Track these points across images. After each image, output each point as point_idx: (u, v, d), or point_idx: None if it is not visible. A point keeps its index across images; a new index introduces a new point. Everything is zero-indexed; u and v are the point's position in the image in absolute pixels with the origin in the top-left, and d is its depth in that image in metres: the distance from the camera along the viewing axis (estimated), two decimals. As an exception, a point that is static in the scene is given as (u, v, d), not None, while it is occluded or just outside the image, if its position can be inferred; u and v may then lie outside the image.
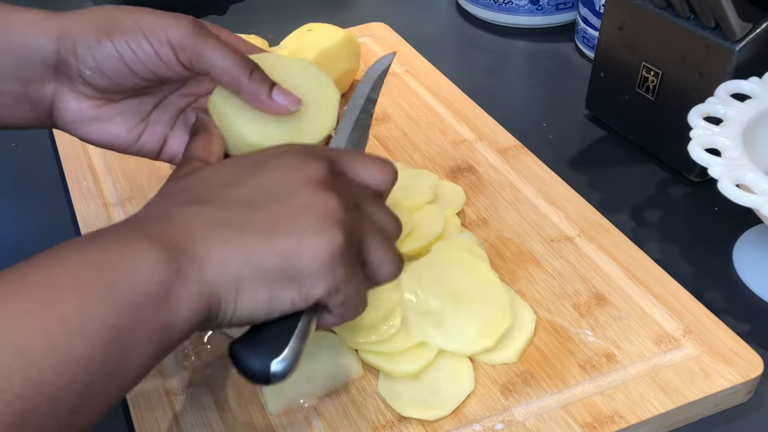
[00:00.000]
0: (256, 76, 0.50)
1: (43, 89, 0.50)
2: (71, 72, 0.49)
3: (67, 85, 0.50)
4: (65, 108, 0.51)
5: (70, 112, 0.51)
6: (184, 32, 0.49)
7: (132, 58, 0.49)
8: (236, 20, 1.03)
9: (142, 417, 0.53)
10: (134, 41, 0.48)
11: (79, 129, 0.52)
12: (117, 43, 0.48)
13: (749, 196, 0.54)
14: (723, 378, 0.54)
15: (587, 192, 0.71)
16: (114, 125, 0.52)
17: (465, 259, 0.59)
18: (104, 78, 0.49)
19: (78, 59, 0.49)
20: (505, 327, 0.56)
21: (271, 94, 0.50)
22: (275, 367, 0.42)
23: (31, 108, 0.51)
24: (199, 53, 0.49)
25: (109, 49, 0.48)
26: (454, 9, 1.04)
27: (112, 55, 0.48)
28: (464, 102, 0.82)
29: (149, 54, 0.49)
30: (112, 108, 0.52)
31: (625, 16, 0.74)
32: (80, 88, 0.50)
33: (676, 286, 0.61)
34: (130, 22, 0.49)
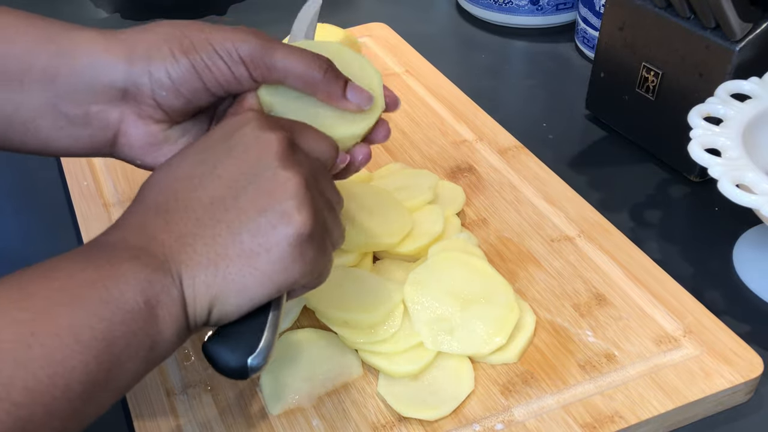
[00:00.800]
0: (330, 75, 0.49)
1: (107, 113, 0.48)
2: (142, 95, 0.47)
3: (134, 109, 0.48)
4: (132, 133, 0.48)
5: (138, 137, 0.48)
6: (253, 47, 0.47)
7: (209, 76, 0.47)
8: (236, 20, 1.03)
9: (142, 417, 0.53)
10: (209, 58, 0.47)
11: (146, 154, 0.49)
12: (194, 60, 0.47)
13: (749, 196, 0.54)
14: (723, 378, 0.54)
15: (587, 192, 0.71)
16: (182, 145, 0.49)
17: (462, 259, 0.59)
18: (179, 98, 0.48)
19: (152, 79, 0.47)
20: (514, 320, 0.56)
21: (345, 93, 0.50)
22: (252, 362, 0.42)
23: (89, 132, 0.48)
24: (271, 66, 0.48)
25: (186, 68, 0.47)
26: (454, 9, 1.04)
27: (189, 73, 0.47)
28: (464, 102, 0.82)
29: (224, 72, 0.47)
30: (178, 130, 0.50)
31: (625, 16, 0.74)
32: (149, 111, 0.48)
33: (676, 286, 0.61)
34: (199, 37, 0.47)
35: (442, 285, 0.58)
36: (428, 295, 0.57)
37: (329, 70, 0.49)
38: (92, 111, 0.48)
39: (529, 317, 0.58)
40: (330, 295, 0.57)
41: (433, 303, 0.56)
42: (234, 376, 0.43)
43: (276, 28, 0.91)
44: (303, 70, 0.48)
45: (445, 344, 0.55)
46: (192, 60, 0.47)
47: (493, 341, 0.55)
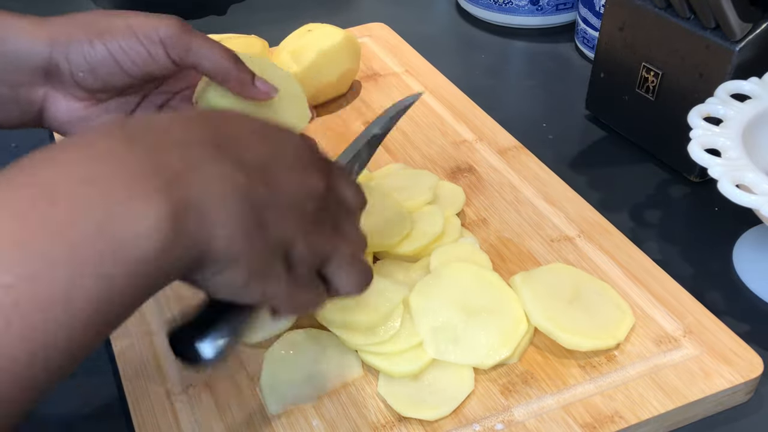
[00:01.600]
0: (241, 66, 0.53)
1: (32, 92, 0.52)
2: (63, 75, 0.51)
3: (57, 88, 0.52)
4: (55, 110, 0.53)
5: (60, 113, 0.53)
6: (174, 30, 0.51)
7: (124, 58, 0.51)
8: (236, 20, 1.03)
9: (142, 417, 0.53)
10: (126, 42, 0.51)
11: (68, 128, 0.54)
12: (109, 44, 0.51)
13: (749, 197, 0.54)
14: (723, 378, 0.54)
15: (587, 192, 0.71)
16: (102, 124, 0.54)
17: (470, 270, 0.59)
18: (96, 79, 0.51)
19: (70, 62, 0.51)
20: (521, 333, 0.55)
21: (254, 82, 0.54)
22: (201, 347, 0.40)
23: (19, 109, 0.53)
24: (189, 48, 0.52)
25: (101, 51, 0.51)
26: (454, 9, 1.04)
27: (104, 57, 0.51)
28: (464, 102, 0.82)
29: (141, 53, 0.51)
30: (100, 108, 0.54)
31: (625, 16, 0.74)
32: (70, 90, 0.52)
33: (676, 286, 0.61)
34: (120, 23, 0.51)
35: (450, 294, 0.57)
36: (434, 304, 0.57)
37: (239, 62, 0.53)
38: (20, 91, 0.52)
39: (529, 317, 0.58)
40: (329, 295, 0.57)
41: (439, 311, 0.56)
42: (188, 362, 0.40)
43: (276, 27, 0.91)
44: (217, 56, 0.52)
45: (449, 353, 0.55)
46: (107, 43, 0.51)
47: (499, 353, 0.54)
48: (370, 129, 0.57)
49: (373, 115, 0.81)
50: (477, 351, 0.54)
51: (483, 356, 0.54)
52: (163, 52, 0.51)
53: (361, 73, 0.87)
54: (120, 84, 0.53)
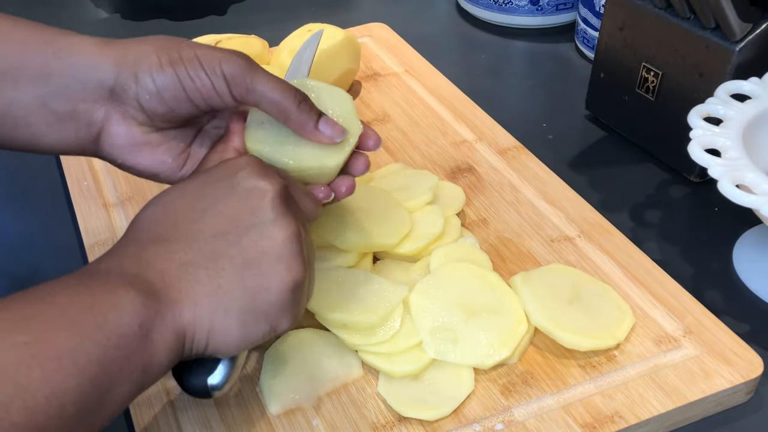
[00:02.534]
0: (304, 107, 0.52)
1: (93, 111, 0.51)
2: (127, 96, 0.50)
3: (119, 109, 0.51)
4: (115, 132, 0.51)
5: (119, 136, 0.51)
6: (237, 66, 0.50)
7: (191, 87, 0.50)
8: (236, 21, 1.03)
9: (142, 417, 0.53)
10: (194, 71, 0.50)
11: (126, 154, 0.52)
12: (178, 70, 0.50)
13: (749, 197, 0.54)
14: (723, 378, 0.54)
15: (587, 192, 0.71)
16: (162, 152, 0.53)
17: (470, 270, 0.59)
18: (161, 104, 0.50)
19: (138, 83, 0.50)
20: (521, 333, 0.55)
21: (317, 125, 0.52)
22: (212, 382, 0.46)
23: (75, 128, 0.51)
24: (251, 87, 0.50)
25: (170, 75, 0.50)
26: (454, 9, 1.04)
27: (173, 82, 0.50)
28: (464, 102, 0.82)
29: (206, 84, 0.50)
30: (160, 135, 0.52)
31: (625, 16, 0.74)
32: (132, 113, 0.51)
33: (676, 286, 0.61)
34: (188, 51, 0.50)
35: (450, 294, 0.57)
36: (434, 304, 0.57)
37: (304, 102, 0.52)
38: (80, 108, 0.50)
39: (529, 317, 0.58)
40: (329, 296, 0.57)
41: (439, 311, 0.56)
42: (198, 395, 0.47)
43: (276, 27, 0.91)
44: (279, 97, 0.51)
45: (448, 353, 0.55)
46: (177, 70, 0.50)
47: (499, 353, 0.54)
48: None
49: (373, 114, 0.81)
50: (477, 351, 0.54)
51: (483, 356, 0.54)
52: (226, 88, 0.50)
53: (361, 73, 0.87)
54: (184, 112, 0.52)
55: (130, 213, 0.69)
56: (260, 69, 0.51)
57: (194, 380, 0.47)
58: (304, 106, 0.51)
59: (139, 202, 0.70)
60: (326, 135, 0.52)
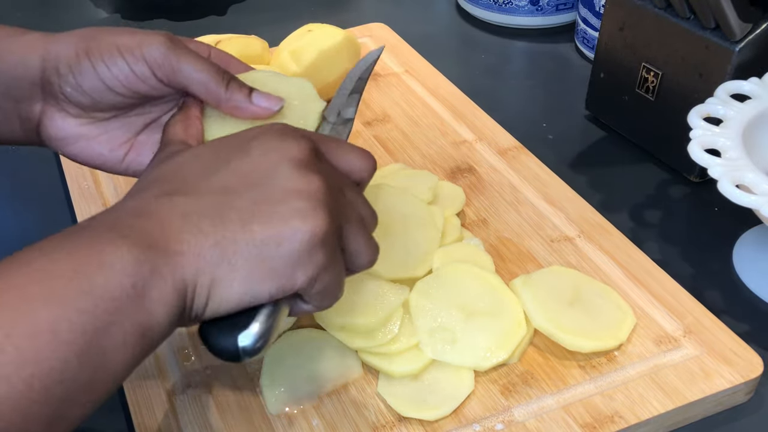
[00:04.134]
0: (234, 85, 0.50)
1: (31, 107, 0.51)
2: (55, 90, 0.50)
3: (52, 103, 0.51)
4: (51, 125, 0.51)
5: (55, 129, 0.51)
6: (159, 49, 0.49)
7: (108, 76, 0.49)
8: (236, 21, 1.03)
9: (142, 417, 0.53)
10: (110, 59, 0.49)
11: (64, 146, 0.52)
12: (94, 60, 0.49)
13: (749, 197, 0.54)
14: (723, 378, 0.54)
15: (587, 192, 0.71)
16: (98, 144, 0.52)
17: (472, 271, 0.59)
18: (84, 95, 0.50)
19: (60, 77, 0.50)
20: (520, 336, 0.55)
21: (251, 99, 0.51)
22: (243, 342, 0.41)
23: (21, 125, 0.52)
24: (175, 69, 0.49)
25: (86, 67, 0.49)
26: (454, 9, 1.04)
27: (89, 73, 0.49)
28: (464, 102, 0.82)
29: (125, 71, 0.49)
30: (98, 127, 0.52)
31: (625, 16, 0.74)
32: (65, 107, 0.51)
33: (676, 286, 0.61)
34: (107, 40, 0.50)
35: (450, 295, 0.57)
36: (433, 304, 0.57)
37: (232, 81, 0.50)
38: (21, 105, 0.51)
39: (529, 317, 0.58)
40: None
41: (438, 312, 0.56)
42: (227, 357, 0.42)
43: (276, 27, 0.91)
44: (204, 78, 0.50)
45: (446, 354, 0.55)
46: (92, 60, 0.49)
47: (496, 355, 0.54)
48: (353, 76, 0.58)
49: (372, 115, 0.81)
50: (474, 353, 0.54)
51: (480, 358, 0.54)
52: (149, 72, 0.49)
53: (361, 73, 0.86)
54: (110, 101, 0.51)
55: (130, 213, 0.69)
56: (185, 50, 0.50)
57: (223, 339, 0.41)
58: (233, 84, 0.50)
59: (139, 202, 0.70)
60: (262, 107, 0.51)
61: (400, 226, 0.61)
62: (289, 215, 0.41)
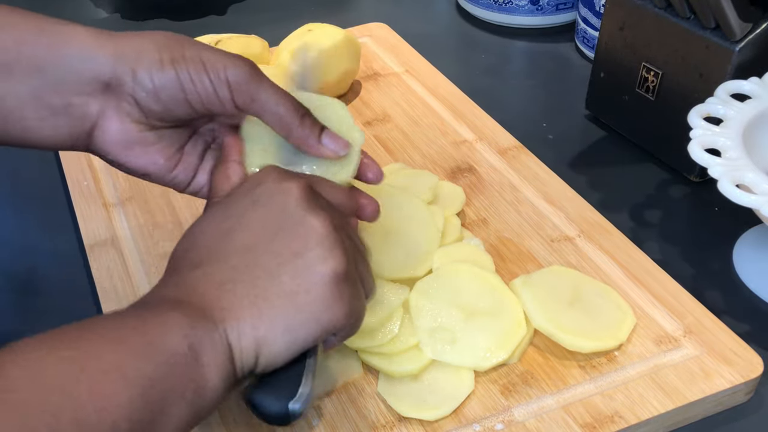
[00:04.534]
0: (307, 122, 0.50)
1: (88, 105, 0.49)
2: (123, 92, 0.48)
3: (113, 104, 0.49)
4: (108, 128, 0.49)
5: (112, 133, 0.50)
6: (242, 74, 0.48)
7: (191, 89, 0.48)
8: (236, 21, 1.03)
9: (142, 417, 0.53)
10: (196, 74, 0.48)
11: (119, 151, 0.50)
12: (180, 71, 0.48)
13: (749, 197, 0.54)
14: (723, 378, 0.54)
15: (587, 192, 0.71)
16: (155, 151, 0.51)
17: (473, 271, 0.59)
18: (158, 103, 0.49)
19: (135, 79, 0.48)
20: (519, 337, 0.55)
21: (320, 139, 0.51)
22: (293, 407, 0.44)
23: (69, 123, 0.49)
24: (254, 97, 0.49)
25: (170, 76, 0.48)
26: (454, 9, 1.04)
27: (172, 82, 0.48)
28: (464, 102, 0.82)
29: (207, 89, 0.48)
30: (154, 134, 0.51)
31: (625, 16, 0.74)
32: (127, 109, 0.49)
33: (676, 286, 0.61)
34: (192, 52, 0.48)
35: (450, 295, 0.57)
36: (433, 304, 0.57)
37: (306, 116, 0.50)
38: (74, 102, 0.49)
39: (529, 317, 0.58)
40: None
41: (438, 312, 0.56)
42: (277, 422, 0.44)
43: (276, 27, 0.91)
44: (283, 110, 0.49)
45: (445, 354, 0.55)
46: (178, 70, 0.48)
47: (496, 355, 0.54)
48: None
49: (372, 115, 0.81)
50: (474, 353, 0.54)
51: (480, 358, 0.54)
52: (228, 95, 0.49)
53: (361, 73, 0.87)
54: (180, 113, 0.50)
55: (130, 213, 0.69)
56: (265, 78, 0.49)
57: (273, 406, 0.44)
58: (306, 121, 0.50)
59: (139, 203, 0.70)
60: (330, 149, 0.51)
61: (400, 226, 0.62)
62: (311, 262, 0.44)
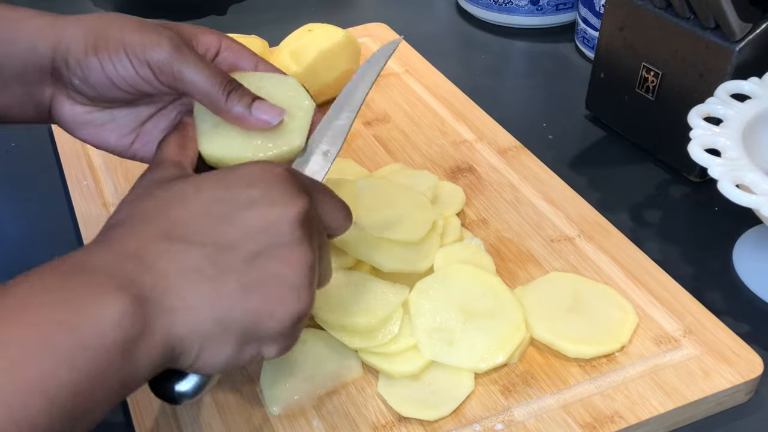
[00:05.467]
0: (234, 96, 0.50)
1: (42, 91, 0.52)
2: (64, 79, 0.51)
3: (61, 90, 0.52)
4: (61, 110, 0.52)
5: (65, 115, 0.52)
6: (162, 53, 0.49)
7: (114, 74, 0.50)
8: (236, 21, 1.03)
9: (142, 417, 0.53)
10: (116, 58, 0.49)
11: (74, 131, 0.53)
12: (101, 58, 0.49)
13: (749, 197, 0.54)
14: (723, 378, 0.54)
15: (587, 192, 0.71)
16: (105, 131, 0.53)
17: (473, 272, 0.59)
18: (90, 88, 0.50)
19: (68, 69, 0.50)
20: (519, 339, 0.55)
21: (251, 110, 0.50)
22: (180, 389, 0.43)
23: (34, 108, 0.52)
24: (177, 75, 0.49)
25: (94, 63, 0.49)
26: (454, 9, 1.04)
27: (96, 69, 0.49)
28: (464, 102, 0.82)
29: (130, 72, 0.49)
30: (105, 114, 0.53)
31: (625, 16, 0.74)
32: (73, 95, 0.52)
33: (676, 286, 0.61)
34: (116, 38, 0.49)
35: (449, 296, 0.57)
36: (432, 305, 0.57)
37: (234, 91, 0.50)
38: (32, 89, 0.52)
39: (529, 317, 0.58)
40: (328, 298, 0.57)
41: (437, 313, 0.56)
42: (166, 400, 0.44)
43: (276, 27, 0.91)
44: (208, 86, 0.49)
45: (443, 355, 0.54)
46: (100, 57, 0.49)
47: (494, 357, 0.54)
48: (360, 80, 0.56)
49: (372, 115, 0.81)
50: (472, 355, 0.54)
51: (478, 360, 0.54)
52: (151, 75, 0.49)
53: (361, 73, 0.86)
54: (115, 96, 0.51)
55: (130, 213, 0.69)
56: (189, 55, 0.49)
57: (161, 385, 0.43)
58: (234, 95, 0.50)
59: (139, 202, 0.70)
60: (262, 120, 0.50)
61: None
62: (286, 292, 0.42)
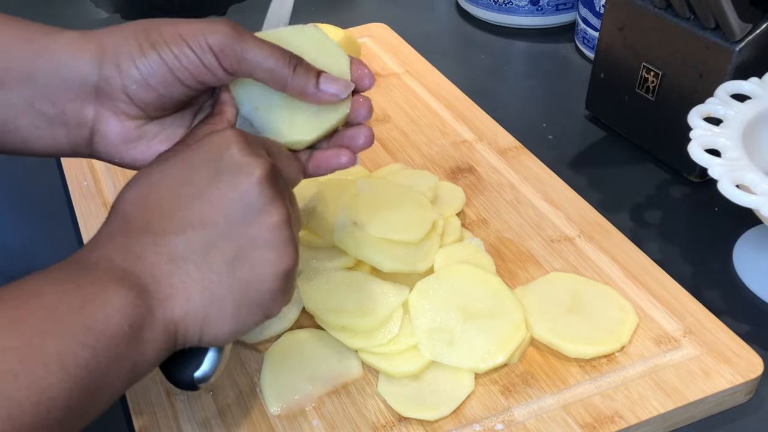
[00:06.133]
0: (301, 70, 0.48)
1: (82, 112, 0.48)
2: (114, 90, 0.47)
3: (108, 106, 0.48)
4: (107, 130, 0.48)
5: (112, 134, 0.49)
6: (224, 37, 0.47)
7: (177, 66, 0.47)
8: (236, 21, 1.01)
9: (141, 416, 0.53)
10: (177, 49, 0.47)
11: (123, 152, 0.49)
12: (162, 51, 0.47)
13: (749, 197, 0.54)
14: (723, 378, 0.54)
15: (587, 192, 0.71)
16: (157, 143, 0.50)
17: (473, 273, 0.59)
18: (150, 90, 0.47)
19: (122, 73, 0.47)
20: (519, 340, 0.55)
21: (318, 84, 0.49)
22: (198, 375, 0.46)
23: (66, 130, 0.48)
24: (241, 57, 0.47)
25: (154, 59, 0.47)
26: (454, 9, 1.04)
27: (157, 65, 0.47)
28: (464, 102, 0.82)
29: (193, 61, 0.47)
30: (155, 126, 0.50)
31: (625, 16, 0.74)
32: (122, 107, 0.48)
33: (676, 286, 0.61)
34: (169, 30, 0.47)
35: (449, 296, 0.57)
36: (433, 305, 0.57)
37: (299, 65, 0.49)
38: (68, 109, 0.48)
39: (529, 317, 0.58)
40: (328, 299, 0.57)
41: (437, 313, 0.56)
42: (185, 388, 0.46)
43: (276, 28, 0.91)
44: (273, 64, 0.48)
45: (443, 355, 0.54)
46: (160, 51, 0.47)
47: (494, 357, 0.54)
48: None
49: (373, 115, 0.81)
50: (472, 355, 0.54)
51: (478, 360, 0.54)
52: (215, 61, 0.47)
53: (361, 73, 0.86)
54: (176, 95, 0.48)
55: (130, 213, 0.69)
56: (249, 36, 0.48)
57: (180, 373, 0.46)
58: (300, 69, 0.48)
59: (139, 202, 0.70)
60: (330, 93, 0.49)
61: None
62: (270, 254, 0.44)
